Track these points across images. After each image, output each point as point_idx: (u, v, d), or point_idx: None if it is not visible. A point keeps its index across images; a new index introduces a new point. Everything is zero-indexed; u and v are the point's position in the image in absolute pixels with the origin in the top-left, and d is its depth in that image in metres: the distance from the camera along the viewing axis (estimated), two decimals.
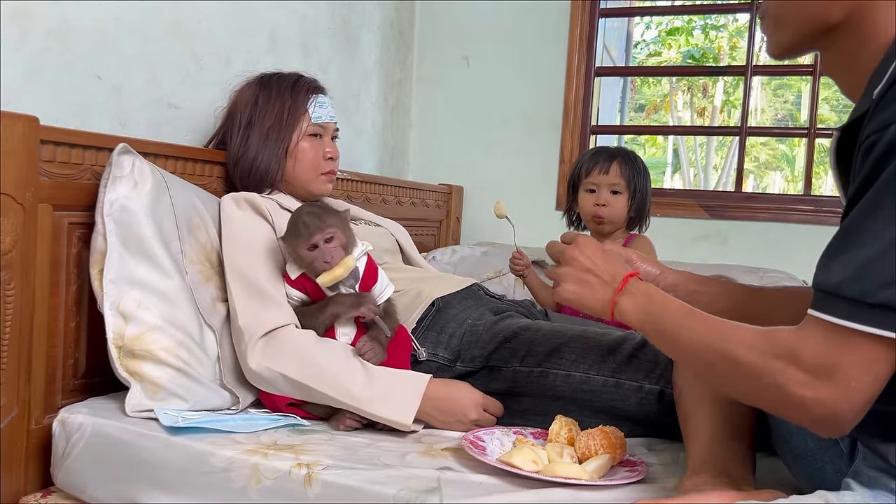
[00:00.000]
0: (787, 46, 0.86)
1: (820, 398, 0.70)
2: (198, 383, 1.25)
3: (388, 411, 1.20)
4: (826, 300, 0.71)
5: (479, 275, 2.25)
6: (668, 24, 11.01)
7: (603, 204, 1.81)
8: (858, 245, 0.69)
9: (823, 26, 0.81)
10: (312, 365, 1.23)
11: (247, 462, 1.07)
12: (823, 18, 0.81)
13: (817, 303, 0.72)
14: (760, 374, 0.74)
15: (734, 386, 0.80)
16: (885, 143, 0.68)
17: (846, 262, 0.69)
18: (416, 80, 2.96)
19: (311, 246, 1.26)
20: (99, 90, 1.50)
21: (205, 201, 1.45)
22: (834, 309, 0.69)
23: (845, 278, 0.69)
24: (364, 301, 1.27)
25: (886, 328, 0.67)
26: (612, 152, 1.86)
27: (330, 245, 1.26)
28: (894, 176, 0.67)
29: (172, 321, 1.25)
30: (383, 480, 1.01)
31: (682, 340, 0.84)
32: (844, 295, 0.69)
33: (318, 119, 1.56)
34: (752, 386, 0.76)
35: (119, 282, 1.24)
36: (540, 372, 1.32)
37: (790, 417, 0.75)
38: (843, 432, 0.73)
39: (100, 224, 1.25)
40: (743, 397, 0.82)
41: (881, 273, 0.66)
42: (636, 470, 1.05)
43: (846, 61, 0.82)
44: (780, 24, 0.86)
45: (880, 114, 0.70)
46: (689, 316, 0.84)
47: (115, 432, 1.17)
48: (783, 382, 0.72)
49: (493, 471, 1.04)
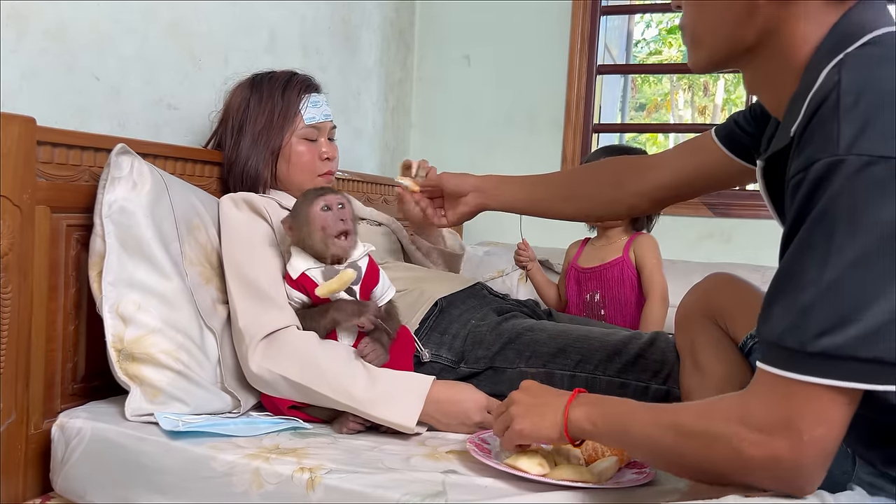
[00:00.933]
0: (705, 64, 0.85)
1: (776, 455, 0.67)
2: (198, 386, 1.24)
3: (391, 414, 1.19)
4: (769, 350, 0.69)
5: (482, 274, 2.23)
6: (668, 23, 11.00)
7: None
8: (795, 289, 0.67)
9: (739, 47, 0.80)
10: (314, 367, 1.22)
11: (248, 466, 1.05)
12: (738, 40, 0.80)
13: (763, 354, 0.70)
14: (713, 442, 0.71)
15: (692, 464, 0.77)
16: (810, 182, 0.66)
17: (785, 309, 0.67)
18: (416, 79, 2.95)
19: (325, 206, 1.25)
20: (98, 91, 1.49)
21: (204, 202, 1.43)
22: (777, 360, 0.67)
23: (785, 327, 0.67)
24: (365, 311, 1.25)
25: (831, 377, 0.64)
26: (618, 150, 1.85)
27: (345, 211, 1.26)
28: (822, 215, 0.65)
29: (172, 324, 1.24)
30: (387, 484, 0.99)
31: (634, 433, 0.82)
32: (785, 345, 0.66)
33: (311, 120, 1.53)
34: (709, 458, 0.73)
35: (118, 284, 1.22)
36: (545, 373, 1.30)
37: (754, 482, 0.72)
38: (808, 490, 0.70)
39: (98, 226, 1.24)
40: (703, 475, 0.78)
41: (819, 319, 0.64)
42: (644, 472, 1.03)
43: (767, 81, 0.81)
44: (697, 43, 0.85)
45: (801, 153, 0.69)
46: (636, 409, 0.83)
47: (114, 437, 1.15)
48: (736, 446, 0.69)
49: (498, 474, 1.02)
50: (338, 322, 1.27)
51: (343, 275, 1.23)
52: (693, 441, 0.74)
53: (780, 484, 0.70)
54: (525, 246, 1.87)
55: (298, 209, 1.30)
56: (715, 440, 0.71)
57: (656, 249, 1.85)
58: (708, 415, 0.73)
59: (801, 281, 0.66)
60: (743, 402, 0.70)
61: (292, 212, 1.31)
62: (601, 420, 0.87)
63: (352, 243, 1.29)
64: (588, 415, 0.89)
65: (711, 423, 0.72)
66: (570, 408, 0.91)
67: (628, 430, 0.83)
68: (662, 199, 1.22)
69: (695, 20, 0.84)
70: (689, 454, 0.75)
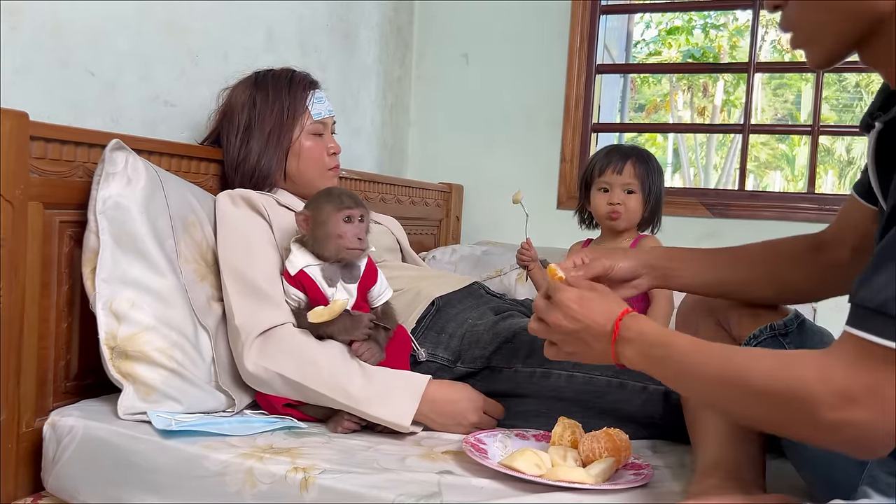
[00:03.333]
0: (823, 61, 0.82)
1: (854, 420, 0.66)
2: (192, 385, 1.22)
3: (386, 412, 1.17)
4: (866, 317, 0.66)
5: (480, 274, 2.22)
6: (668, 24, 10.99)
7: (617, 203, 1.77)
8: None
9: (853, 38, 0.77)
10: (310, 365, 1.21)
11: (242, 466, 1.04)
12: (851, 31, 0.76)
13: (855, 319, 0.67)
14: (786, 402, 0.69)
15: (758, 418, 0.75)
16: None
17: (893, 278, 0.65)
18: (415, 77, 2.93)
19: (348, 217, 1.24)
20: (92, 87, 1.47)
21: (200, 198, 1.42)
22: (876, 327, 0.65)
23: (891, 295, 0.64)
24: (358, 325, 1.24)
25: None
26: (626, 151, 1.81)
27: (363, 225, 1.27)
28: None
29: (166, 321, 1.23)
30: (382, 485, 0.98)
31: (695, 380, 0.80)
32: (889, 313, 0.64)
33: (318, 116, 1.53)
34: (778, 415, 0.71)
35: (112, 281, 1.21)
36: (542, 373, 1.29)
37: (821, 443, 0.71)
38: (879, 455, 0.69)
39: (92, 222, 1.22)
40: (768, 428, 0.77)
41: None
42: (641, 473, 1.02)
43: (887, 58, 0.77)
44: (812, 41, 0.81)
45: None
46: (697, 353, 0.80)
47: (106, 435, 1.14)
48: (812, 408, 0.67)
49: (494, 475, 1.01)
50: (331, 337, 1.26)
51: (334, 305, 1.23)
52: (763, 400, 0.71)
53: (853, 448, 0.69)
54: (528, 245, 1.86)
55: (321, 207, 1.28)
56: (789, 401, 0.69)
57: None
58: (782, 375, 0.70)
59: None
60: (825, 364, 0.68)
61: (313, 207, 1.29)
62: (656, 367, 0.85)
63: (362, 255, 1.30)
64: (640, 357, 0.86)
65: (787, 384, 0.69)
66: (618, 345, 0.88)
67: (687, 383, 0.81)
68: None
69: (804, 19, 0.81)
70: (758, 412, 0.74)
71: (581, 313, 0.91)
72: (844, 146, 11.87)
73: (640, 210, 1.79)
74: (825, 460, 0.90)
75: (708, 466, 0.94)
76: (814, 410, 0.67)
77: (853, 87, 11.66)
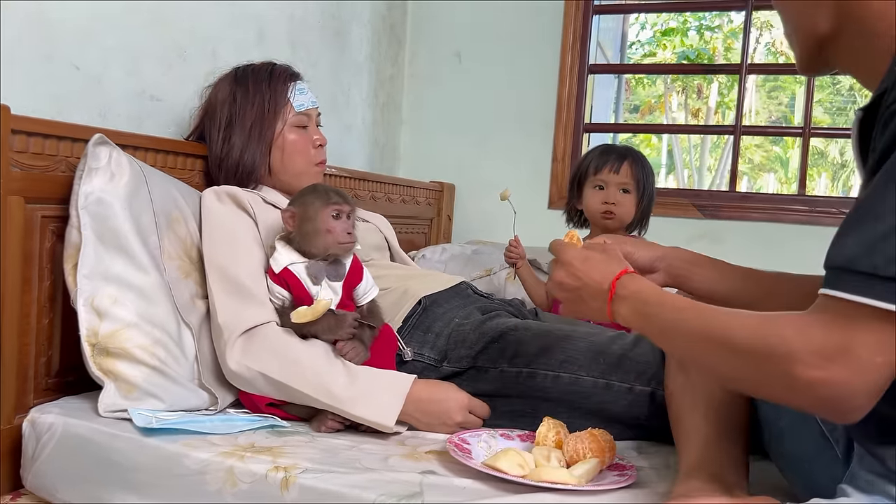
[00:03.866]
0: (803, 64, 0.87)
1: (829, 379, 0.65)
2: (175, 383, 1.21)
3: (370, 412, 1.16)
4: (837, 276, 0.67)
5: (469, 273, 2.21)
6: (662, 25, 11.00)
7: (613, 202, 1.77)
8: (874, 218, 0.65)
9: (819, 37, 0.81)
10: (293, 364, 1.20)
11: (222, 465, 1.03)
12: (816, 29, 0.81)
13: (828, 280, 0.68)
14: (765, 360, 0.69)
15: (736, 377, 0.76)
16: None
17: (860, 237, 0.66)
18: (407, 76, 2.92)
19: (336, 213, 1.24)
20: (77, 81, 1.46)
21: (185, 194, 1.41)
22: (845, 284, 0.66)
23: (858, 252, 0.65)
24: (342, 324, 1.23)
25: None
26: (622, 151, 1.81)
27: (351, 221, 1.26)
28: None
29: (149, 318, 1.21)
30: (364, 484, 0.97)
31: (680, 335, 0.81)
32: (856, 269, 0.65)
33: (301, 107, 1.52)
34: (755, 373, 0.71)
35: (94, 277, 1.20)
36: (528, 373, 1.28)
37: (797, 403, 0.71)
38: (853, 418, 0.68)
39: (74, 217, 1.21)
40: (746, 387, 0.78)
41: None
42: (626, 474, 1.01)
43: (860, 61, 0.80)
44: (792, 44, 0.86)
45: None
46: (685, 309, 0.81)
47: (86, 433, 1.13)
48: (790, 367, 0.67)
49: (477, 475, 1.00)
50: (315, 336, 1.25)
51: (317, 305, 1.21)
52: (744, 358, 0.72)
53: (827, 409, 0.69)
54: (517, 243, 1.85)
55: (308, 203, 1.26)
56: (767, 359, 0.69)
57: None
58: (763, 332, 0.70)
59: (881, 210, 0.65)
60: (803, 323, 0.68)
61: (299, 203, 1.28)
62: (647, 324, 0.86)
63: (350, 250, 1.29)
64: (633, 314, 0.87)
65: (767, 342, 0.69)
66: (614, 303, 0.89)
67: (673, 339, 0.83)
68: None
69: (784, 23, 0.87)
70: (737, 370, 0.74)
71: (581, 271, 0.94)
72: (838, 149, 11.91)
73: (633, 210, 1.78)
74: (807, 461, 0.90)
75: (691, 468, 0.93)
76: (790, 369, 0.67)
77: (847, 91, 11.70)
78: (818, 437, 0.91)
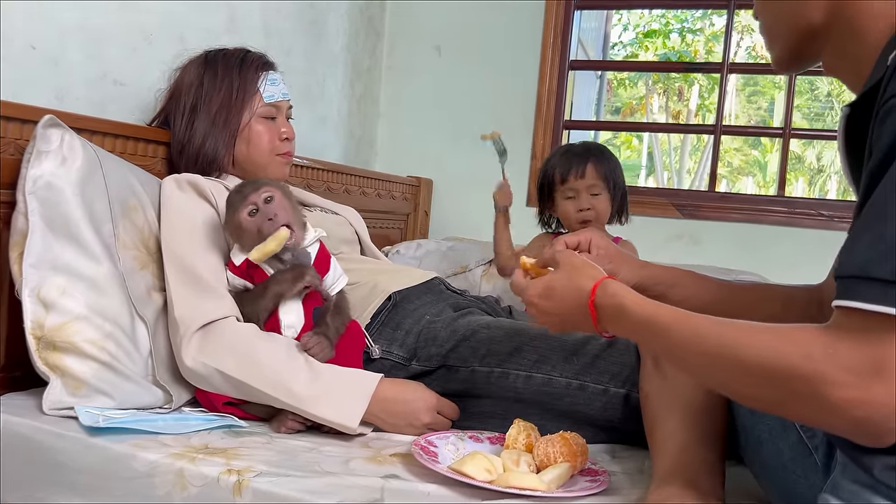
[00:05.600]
0: (784, 58, 0.83)
1: (867, 398, 0.60)
2: (126, 379, 1.15)
3: (332, 412, 1.11)
4: (852, 286, 0.62)
5: (445, 270, 2.16)
6: (645, 27, 11.05)
7: (587, 208, 1.73)
8: (885, 221, 0.60)
9: (808, 31, 0.78)
10: (252, 360, 1.14)
11: (172, 467, 0.97)
12: (805, 23, 0.78)
13: (843, 291, 0.63)
14: (787, 382, 0.64)
15: (758, 397, 0.70)
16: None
17: (873, 241, 0.61)
18: (385, 68, 2.86)
19: (251, 209, 1.17)
20: (33, 61, 1.38)
21: (143, 182, 1.34)
22: (862, 294, 0.61)
23: (872, 258, 0.60)
24: (304, 272, 1.17)
25: None
26: (581, 151, 1.77)
27: (271, 205, 1.18)
28: None
29: (100, 311, 1.15)
30: (321, 490, 0.92)
31: (686, 359, 0.74)
32: (872, 276, 0.60)
33: (270, 98, 1.45)
34: (779, 398, 0.66)
35: (41, 266, 1.13)
36: (500, 373, 1.24)
37: (829, 425, 0.65)
38: (888, 441, 0.63)
39: (21, 203, 1.14)
40: (768, 407, 0.72)
41: None
42: (598, 480, 0.97)
43: (846, 60, 0.78)
44: (772, 38, 0.83)
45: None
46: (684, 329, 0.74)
47: (28, 432, 1.06)
48: (820, 388, 0.61)
49: (442, 480, 0.95)
50: (281, 295, 1.19)
51: (278, 234, 1.15)
52: (761, 377, 0.66)
53: (861, 431, 0.63)
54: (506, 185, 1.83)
55: (229, 219, 1.22)
56: (790, 380, 0.63)
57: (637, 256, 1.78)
58: (782, 351, 0.64)
59: (892, 212, 0.60)
60: (828, 339, 0.62)
61: (226, 219, 1.23)
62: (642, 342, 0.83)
63: (299, 235, 1.22)
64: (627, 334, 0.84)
65: (789, 361, 0.64)
66: (600, 323, 0.85)
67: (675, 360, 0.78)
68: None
69: (765, 16, 0.84)
70: (754, 390, 0.68)
71: (552, 307, 0.90)
72: (815, 154, 12.05)
73: (608, 209, 1.76)
74: (784, 468, 0.86)
75: (666, 473, 0.89)
76: (820, 389, 0.61)
77: (825, 97, 11.84)
78: (796, 443, 0.87)
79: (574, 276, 0.89)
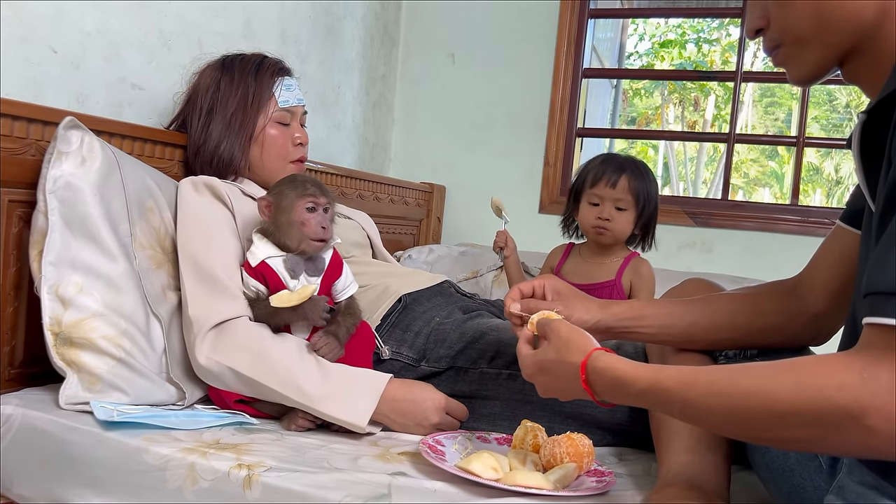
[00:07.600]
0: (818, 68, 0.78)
1: None
2: (141, 376, 1.17)
3: (342, 411, 1.12)
4: (885, 302, 0.59)
5: (456, 275, 2.17)
6: (661, 37, 11.03)
7: (606, 218, 1.66)
8: None
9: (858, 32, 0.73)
10: (264, 359, 1.15)
11: (184, 461, 0.99)
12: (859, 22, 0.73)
13: (875, 308, 0.60)
14: (824, 418, 0.60)
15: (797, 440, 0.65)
16: None
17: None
18: (400, 75, 2.89)
19: (312, 206, 1.20)
20: (54, 65, 1.42)
21: (160, 183, 1.37)
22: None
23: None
24: (314, 309, 1.19)
25: None
26: (622, 163, 1.68)
27: (328, 215, 1.22)
28: None
29: (116, 308, 1.17)
30: (329, 485, 0.93)
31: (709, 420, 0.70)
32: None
33: (285, 103, 1.48)
34: (817, 432, 0.62)
35: (60, 264, 1.15)
36: (509, 374, 1.25)
37: (874, 451, 0.61)
38: None
39: (41, 202, 1.17)
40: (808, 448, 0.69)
41: None
42: (603, 481, 0.97)
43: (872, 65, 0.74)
44: (806, 45, 0.77)
45: None
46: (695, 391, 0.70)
47: (44, 425, 1.08)
48: (860, 417, 0.58)
49: (449, 478, 0.96)
50: (287, 323, 1.22)
51: (303, 290, 1.18)
52: (797, 422, 0.62)
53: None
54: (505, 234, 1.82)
55: (283, 194, 1.22)
56: (828, 415, 0.60)
57: (653, 279, 1.70)
58: (811, 388, 0.61)
59: None
60: (861, 363, 0.59)
61: (275, 193, 1.24)
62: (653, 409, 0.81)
63: (326, 247, 1.25)
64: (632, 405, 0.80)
65: (821, 397, 0.60)
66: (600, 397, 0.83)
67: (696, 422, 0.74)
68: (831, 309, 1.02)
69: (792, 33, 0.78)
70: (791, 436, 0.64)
71: (549, 382, 0.91)
72: (833, 165, 11.94)
73: (629, 228, 1.68)
74: (791, 472, 0.86)
75: (670, 475, 0.89)
76: (863, 421, 0.58)
77: (843, 108, 11.74)
78: None
79: (563, 351, 0.87)
